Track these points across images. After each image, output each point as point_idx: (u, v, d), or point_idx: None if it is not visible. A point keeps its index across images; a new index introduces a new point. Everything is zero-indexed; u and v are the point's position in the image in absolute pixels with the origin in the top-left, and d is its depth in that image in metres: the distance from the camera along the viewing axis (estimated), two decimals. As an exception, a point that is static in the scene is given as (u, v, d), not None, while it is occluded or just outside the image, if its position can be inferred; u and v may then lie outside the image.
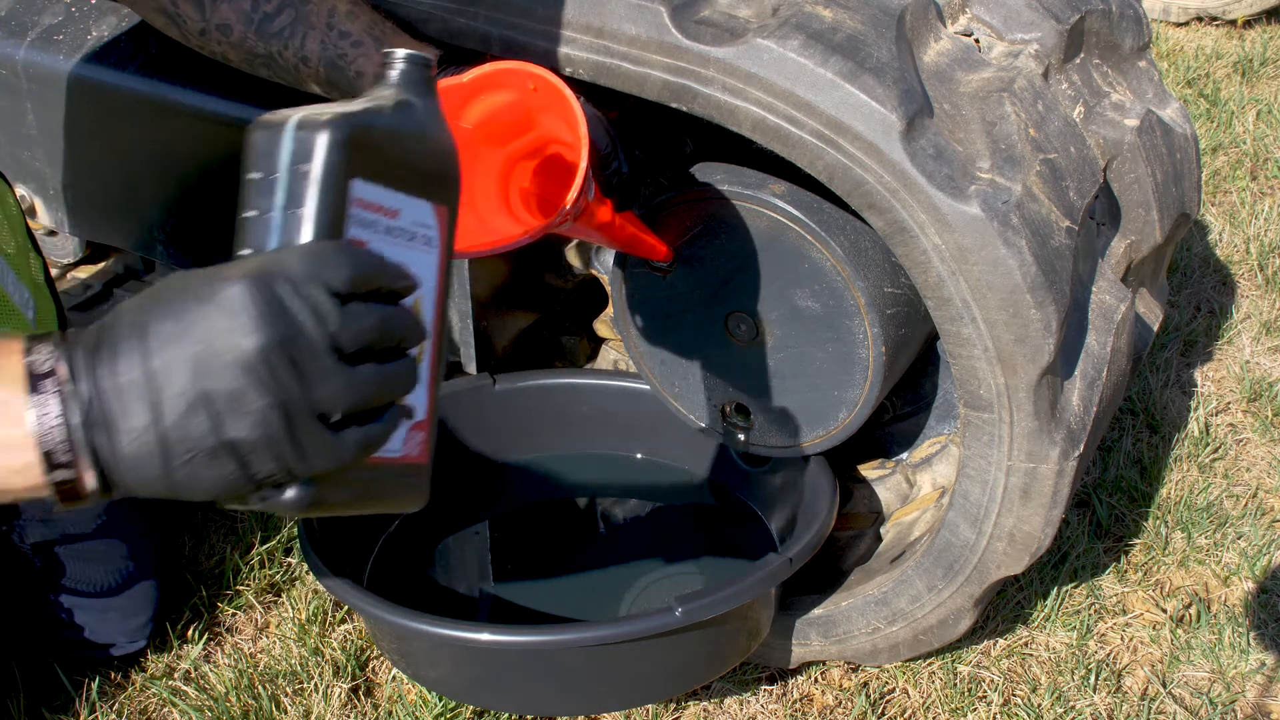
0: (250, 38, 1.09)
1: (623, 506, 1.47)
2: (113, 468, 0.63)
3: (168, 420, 0.62)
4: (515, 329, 1.54)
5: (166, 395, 0.62)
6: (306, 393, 0.63)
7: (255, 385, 0.62)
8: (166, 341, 0.62)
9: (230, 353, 0.61)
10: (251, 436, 0.62)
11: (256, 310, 0.62)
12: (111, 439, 0.62)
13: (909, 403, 1.42)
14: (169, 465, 0.62)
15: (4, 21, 1.53)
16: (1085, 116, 1.20)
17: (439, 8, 1.13)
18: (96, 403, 0.62)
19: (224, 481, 0.63)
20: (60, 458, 0.62)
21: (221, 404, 0.62)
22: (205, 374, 0.62)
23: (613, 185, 1.07)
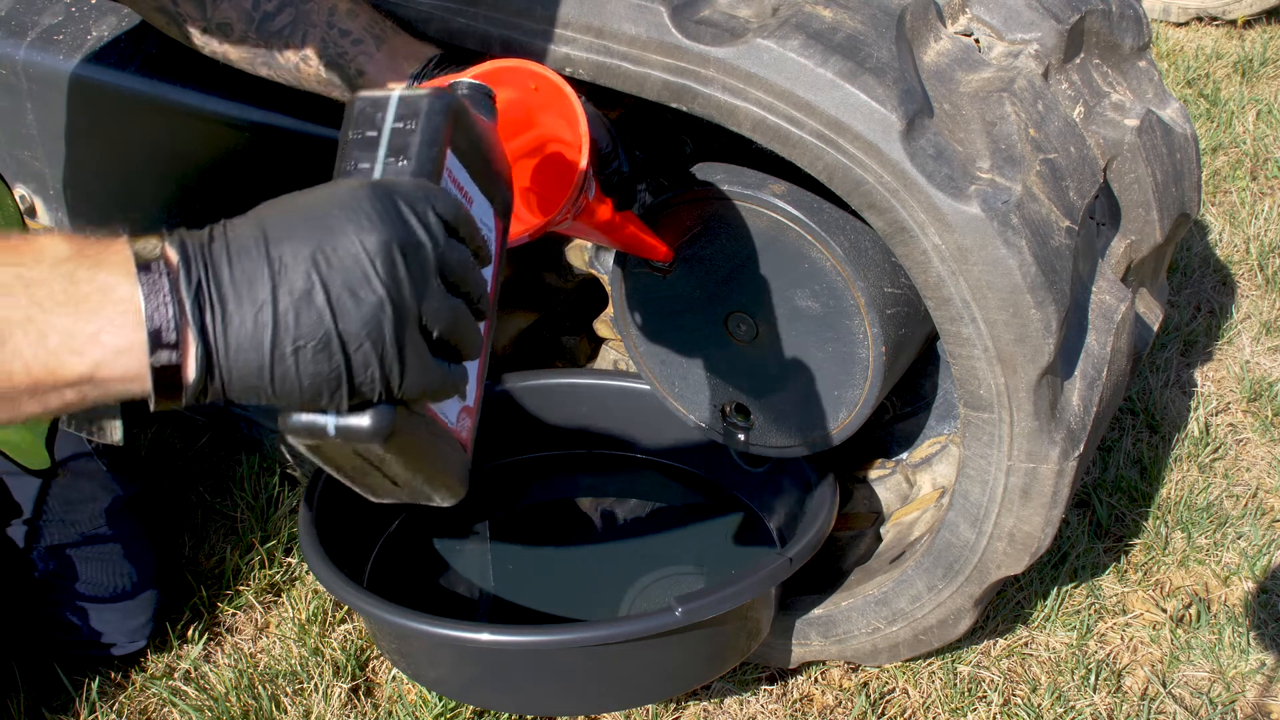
0: (251, 36, 1.09)
1: (623, 506, 1.47)
2: (218, 352, 0.61)
3: (282, 305, 0.61)
4: (515, 329, 1.54)
5: (284, 281, 0.61)
6: (417, 299, 0.63)
7: (375, 278, 0.62)
8: (287, 233, 0.63)
9: (352, 246, 0.62)
10: (362, 331, 0.62)
11: (379, 211, 0.63)
12: (223, 319, 0.61)
13: (909, 403, 1.42)
14: (276, 353, 0.61)
15: (4, 21, 1.53)
16: (1085, 116, 1.20)
17: (439, 7, 1.13)
18: (209, 284, 0.61)
19: (322, 379, 0.62)
20: (166, 337, 0.61)
21: (339, 292, 0.62)
22: (325, 264, 0.62)
23: (613, 184, 1.07)
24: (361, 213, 0.63)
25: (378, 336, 0.62)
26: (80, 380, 0.61)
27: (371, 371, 0.63)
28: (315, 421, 0.65)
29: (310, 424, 0.65)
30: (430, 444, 0.71)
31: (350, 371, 0.63)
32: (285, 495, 1.59)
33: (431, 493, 0.73)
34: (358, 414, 0.65)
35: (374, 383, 0.64)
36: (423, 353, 0.65)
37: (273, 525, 1.55)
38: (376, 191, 0.64)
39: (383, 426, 0.65)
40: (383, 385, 0.64)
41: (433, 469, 0.72)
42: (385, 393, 0.64)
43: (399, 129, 0.71)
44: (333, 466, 0.69)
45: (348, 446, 0.66)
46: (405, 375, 0.64)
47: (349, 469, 0.69)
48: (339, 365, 0.62)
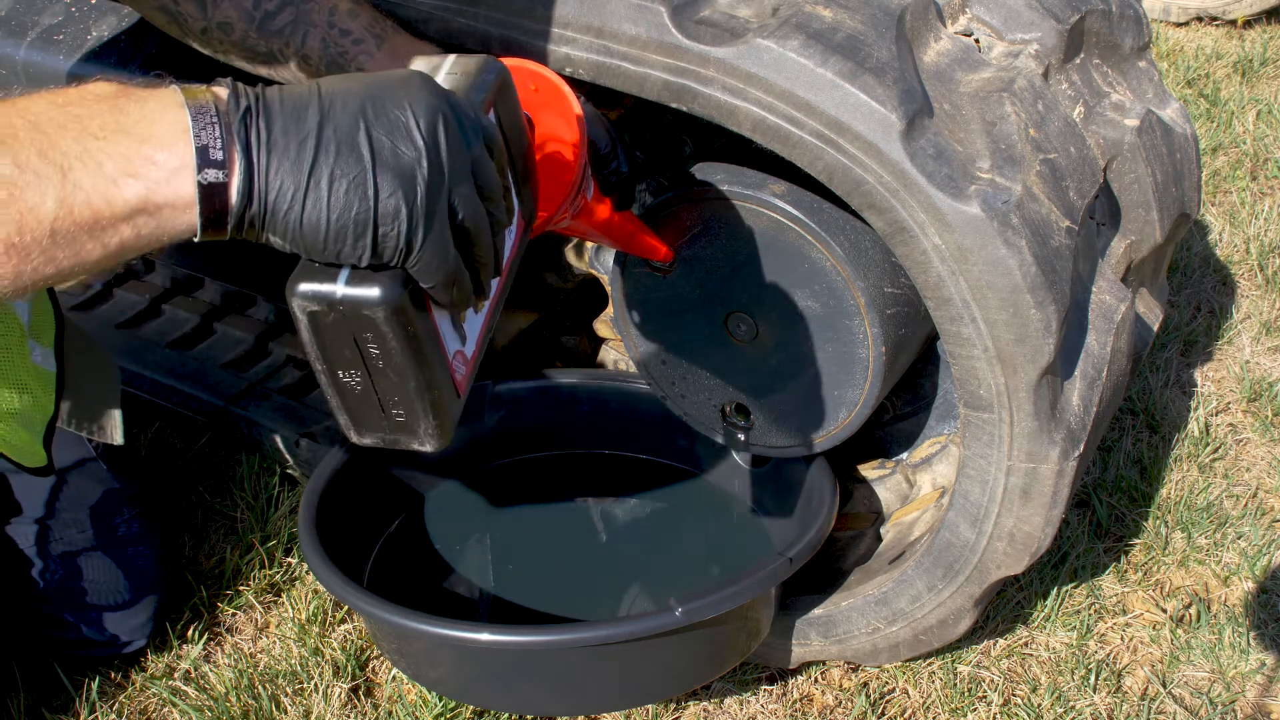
0: (251, 35, 1.09)
1: (623, 506, 1.47)
2: (259, 171, 0.63)
3: (326, 137, 0.63)
4: (515, 329, 1.54)
5: (331, 119, 0.64)
6: (450, 172, 0.65)
7: (416, 135, 0.64)
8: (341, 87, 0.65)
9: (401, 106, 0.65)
10: (396, 180, 0.64)
11: (430, 91, 0.66)
12: (268, 142, 0.63)
13: (909, 403, 1.42)
14: (313, 179, 0.63)
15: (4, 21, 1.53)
16: (1085, 116, 1.20)
17: (439, 8, 1.13)
18: (257, 113, 0.63)
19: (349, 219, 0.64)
20: (214, 154, 0.62)
21: (380, 140, 0.64)
22: (374, 113, 0.64)
23: (611, 184, 1.07)
24: (414, 87, 0.66)
25: (410, 189, 0.64)
26: (135, 210, 0.62)
27: (399, 224, 0.65)
28: (323, 287, 0.66)
29: (318, 290, 0.66)
30: (427, 351, 0.71)
31: (377, 217, 0.64)
32: (285, 495, 1.59)
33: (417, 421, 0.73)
34: (367, 283, 0.66)
35: (397, 236, 0.65)
36: (444, 228, 0.66)
37: (273, 525, 1.55)
38: (430, 80, 0.67)
39: (391, 296, 0.66)
40: (404, 243, 0.65)
41: (424, 382, 0.71)
42: (404, 253, 0.66)
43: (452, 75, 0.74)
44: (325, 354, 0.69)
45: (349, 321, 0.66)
46: (426, 240, 0.65)
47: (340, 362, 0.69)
48: (369, 207, 0.64)
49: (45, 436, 1.30)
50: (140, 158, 0.62)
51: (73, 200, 0.61)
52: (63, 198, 0.61)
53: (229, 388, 1.71)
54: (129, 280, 1.99)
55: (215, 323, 1.88)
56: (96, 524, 1.36)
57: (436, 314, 0.72)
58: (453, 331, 0.75)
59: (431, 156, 0.65)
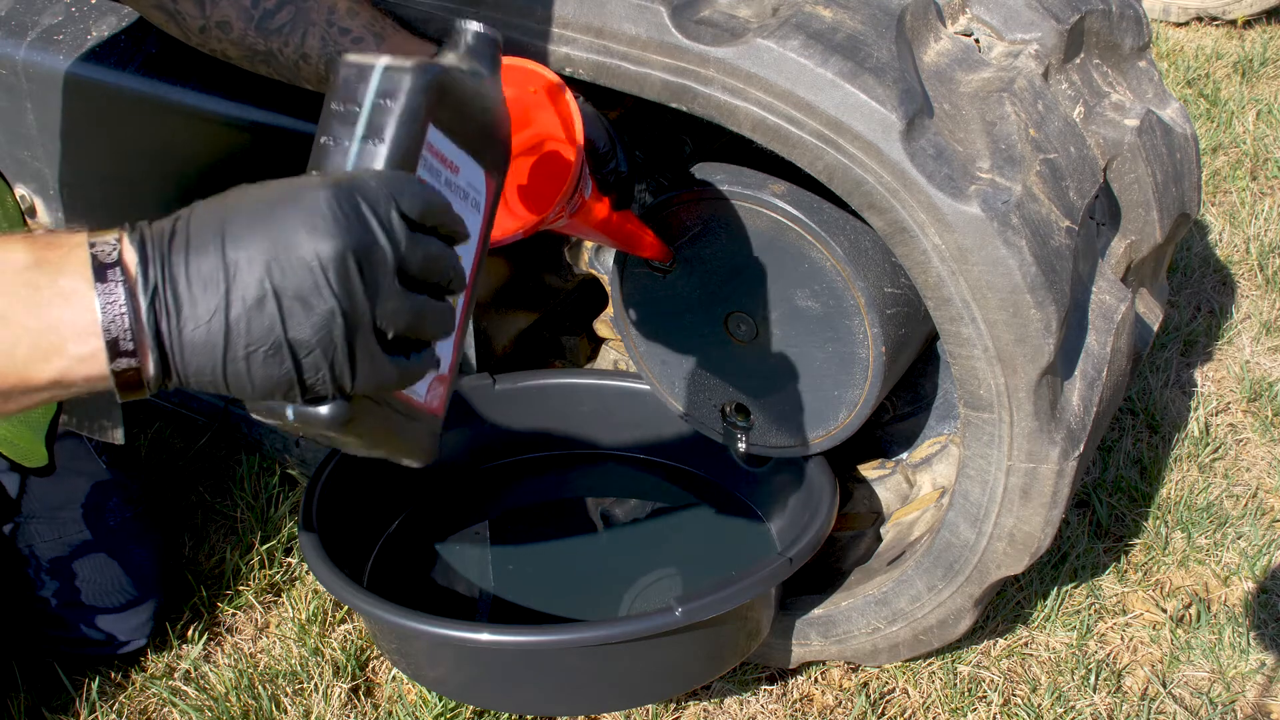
0: (250, 34, 1.09)
1: (623, 506, 1.47)
2: (174, 355, 0.64)
3: (235, 311, 0.63)
4: (515, 329, 1.54)
5: (238, 287, 0.63)
6: (371, 305, 0.65)
7: (326, 288, 0.63)
8: (244, 237, 0.64)
9: (307, 253, 0.63)
10: (313, 339, 0.63)
11: (337, 217, 0.64)
12: (178, 325, 0.63)
13: (909, 403, 1.42)
14: (229, 356, 0.63)
15: (4, 21, 1.53)
16: (1085, 116, 1.20)
17: (439, 7, 1.13)
18: (165, 289, 0.63)
19: (273, 382, 0.64)
20: (125, 345, 0.63)
21: (290, 302, 0.63)
22: (280, 271, 0.63)
23: (610, 184, 1.07)
24: (319, 217, 0.63)
25: (328, 344, 0.64)
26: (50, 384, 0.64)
27: (322, 374, 0.65)
28: (274, 408, 0.68)
29: (269, 409, 0.68)
30: (391, 424, 0.72)
31: (301, 375, 0.65)
32: (285, 495, 1.59)
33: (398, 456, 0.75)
34: (314, 405, 0.67)
35: (325, 384, 0.65)
36: (375, 354, 0.66)
37: (273, 525, 1.55)
38: (339, 193, 0.64)
39: (338, 417, 0.68)
40: (334, 386, 0.66)
41: (395, 444, 0.73)
42: (338, 391, 0.66)
43: (380, 105, 0.71)
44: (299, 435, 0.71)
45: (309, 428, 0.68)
46: (356, 376, 0.66)
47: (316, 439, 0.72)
48: (289, 370, 0.64)
49: (47, 436, 1.30)
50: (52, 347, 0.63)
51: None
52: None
53: (229, 388, 1.71)
54: (129, 280, 1.99)
55: (215, 323, 1.87)
56: (95, 523, 1.36)
57: None
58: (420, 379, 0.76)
59: (344, 305, 0.64)
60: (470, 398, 1.45)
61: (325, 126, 0.72)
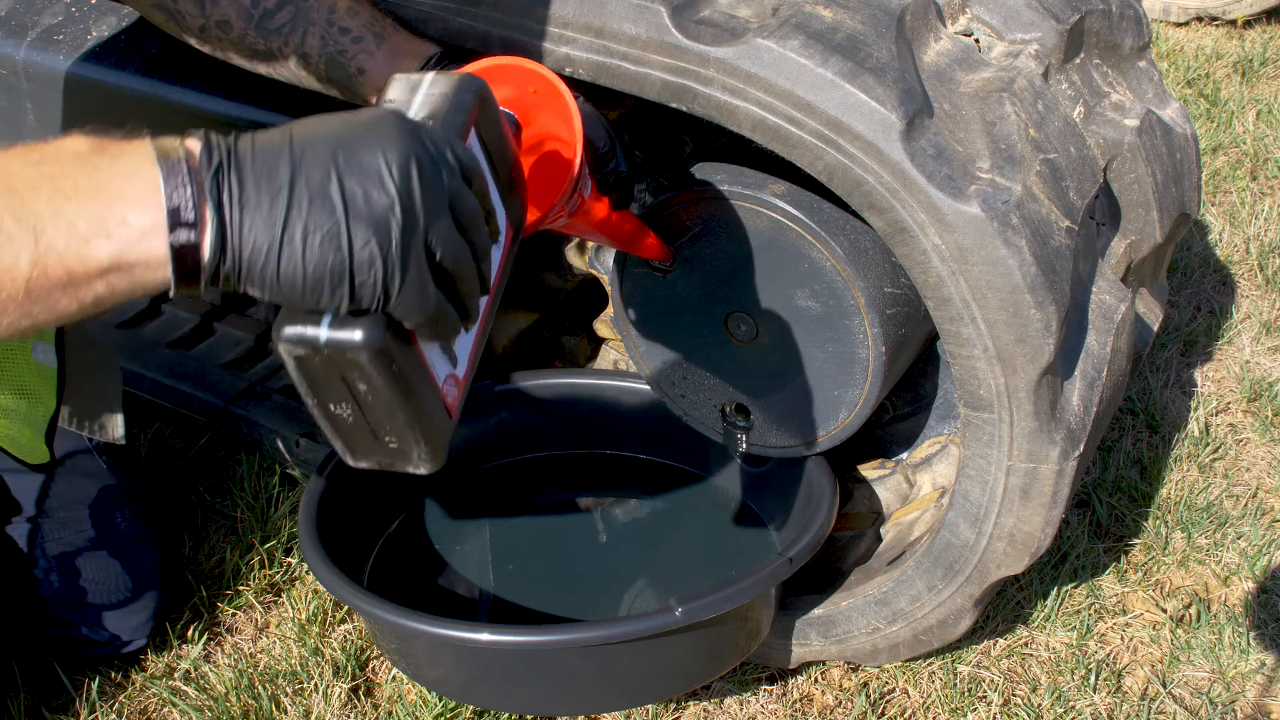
0: (250, 34, 1.09)
1: (623, 506, 1.47)
2: (232, 230, 0.63)
3: (298, 191, 0.63)
4: (515, 329, 1.54)
5: (303, 171, 0.64)
6: (426, 216, 0.65)
7: (390, 181, 0.64)
8: (310, 137, 0.65)
9: (372, 152, 0.64)
10: (369, 229, 0.64)
11: (402, 131, 0.66)
12: (240, 198, 0.63)
13: (909, 403, 1.42)
14: (286, 234, 0.63)
15: (4, 21, 1.53)
16: (1085, 116, 1.20)
17: (439, 7, 1.13)
18: (229, 168, 0.64)
19: (324, 270, 0.64)
20: (185, 215, 0.63)
21: (352, 190, 0.64)
22: (346, 161, 0.64)
23: (610, 183, 1.07)
24: (385, 129, 0.66)
25: (384, 238, 0.64)
26: (108, 269, 0.63)
27: (374, 272, 0.65)
28: (307, 332, 0.66)
29: (303, 334, 0.67)
30: (415, 384, 0.71)
31: (353, 267, 0.64)
32: (285, 495, 1.59)
33: (410, 447, 0.73)
34: (350, 327, 0.66)
35: (374, 284, 0.65)
36: (423, 270, 0.66)
37: (273, 525, 1.55)
38: (402, 118, 0.67)
39: (373, 339, 0.66)
40: (381, 290, 0.65)
41: (414, 414, 0.72)
42: (383, 299, 0.66)
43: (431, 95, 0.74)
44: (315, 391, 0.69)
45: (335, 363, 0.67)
46: (404, 285, 0.66)
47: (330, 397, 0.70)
48: (344, 259, 0.64)
49: (47, 433, 1.30)
50: (113, 219, 0.62)
51: (46, 260, 0.62)
52: (36, 259, 0.62)
53: (229, 388, 1.71)
54: (129, 280, 1.99)
55: (215, 323, 1.88)
56: (96, 523, 1.36)
57: (423, 345, 0.73)
58: (442, 357, 0.76)
59: (405, 202, 0.64)
60: (470, 398, 1.45)
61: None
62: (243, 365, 1.77)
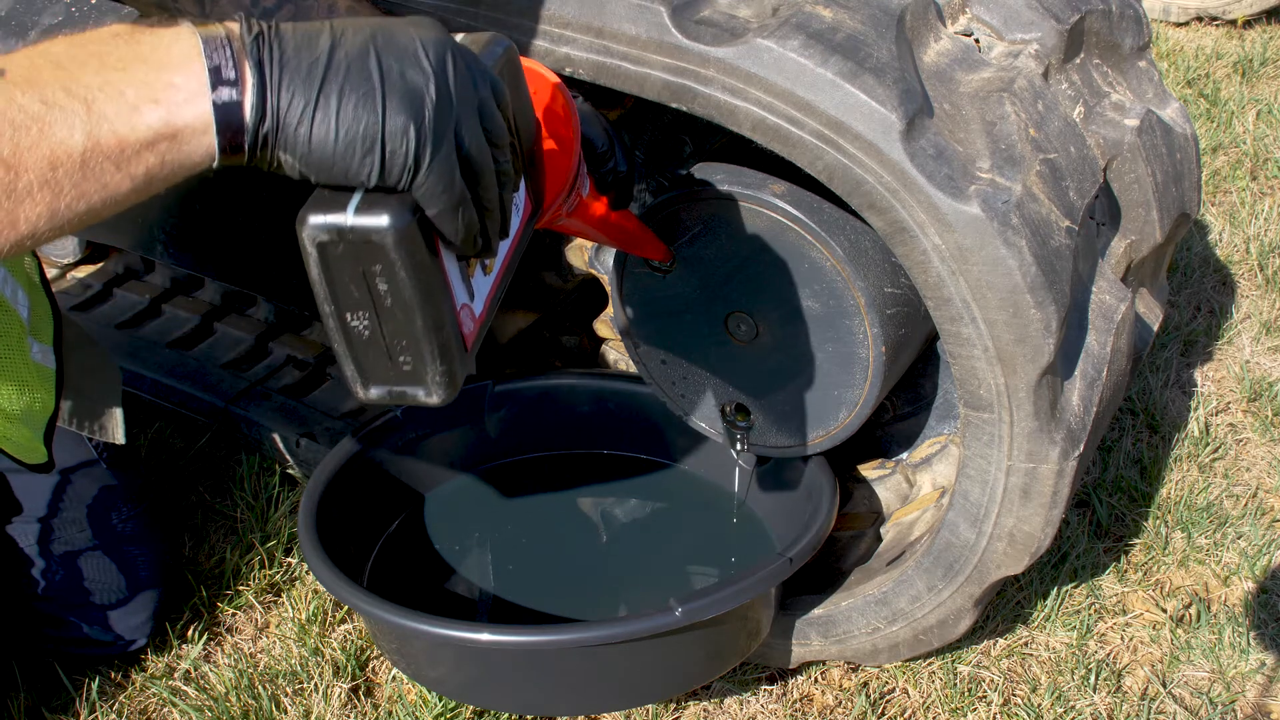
0: None
1: (623, 506, 1.47)
2: (271, 82, 0.65)
3: (338, 57, 0.65)
4: (515, 329, 1.54)
5: (343, 43, 0.66)
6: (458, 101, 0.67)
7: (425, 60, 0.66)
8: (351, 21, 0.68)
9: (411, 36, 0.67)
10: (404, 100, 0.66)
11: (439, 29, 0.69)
12: (280, 58, 0.65)
13: (909, 403, 1.42)
14: (323, 93, 0.65)
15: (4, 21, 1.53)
16: (1085, 116, 1.20)
17: (439, 7, 1.13)
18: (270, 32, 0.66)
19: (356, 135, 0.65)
20: (226, 73, 0.65)
21: (389, 64, 0.66)
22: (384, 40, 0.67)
23: (608, 183, 1.07)
24: (424, 24, 0.68)
25: (417, 109, 0.66)
26: (158, 135, 0.65)
27: (406, 141, 0.66)
28: (332, 217, 0.67)
29: (327, 219, 0.67)
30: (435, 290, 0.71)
31: (385, 134, 0.66)
32: (285, 495, 1.59)
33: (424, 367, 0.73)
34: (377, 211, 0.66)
35: (405, 154, 0.66)
36: (450, 153, 0.68)
37: (273, 525, 1.55)
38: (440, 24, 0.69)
39: (399, 222, 0.67)
40: (412, 161, 0.66)
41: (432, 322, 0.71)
42: (412, 172, 0.67)
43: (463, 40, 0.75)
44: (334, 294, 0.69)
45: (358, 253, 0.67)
46: (433, 161, 0.67)
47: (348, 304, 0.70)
48: (377, 122, 0.65)
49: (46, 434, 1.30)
50: (160, 83, 0.64)
51: (99, 131, 0.63)
52: (89, 129, 0.63)
53: (229, 388, 1.71)
54: (129, 280, 1.99)
55: (215, 323, 1.88)
56: (96, 523, 1.36)
57: (445, 259, 0.73)
58: (461, 283, 0.75)
59: (440, 83, 0.66)
60: (470, 398, 1.45)
61: None
62: (243, 365, 1.77)
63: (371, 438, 1.37)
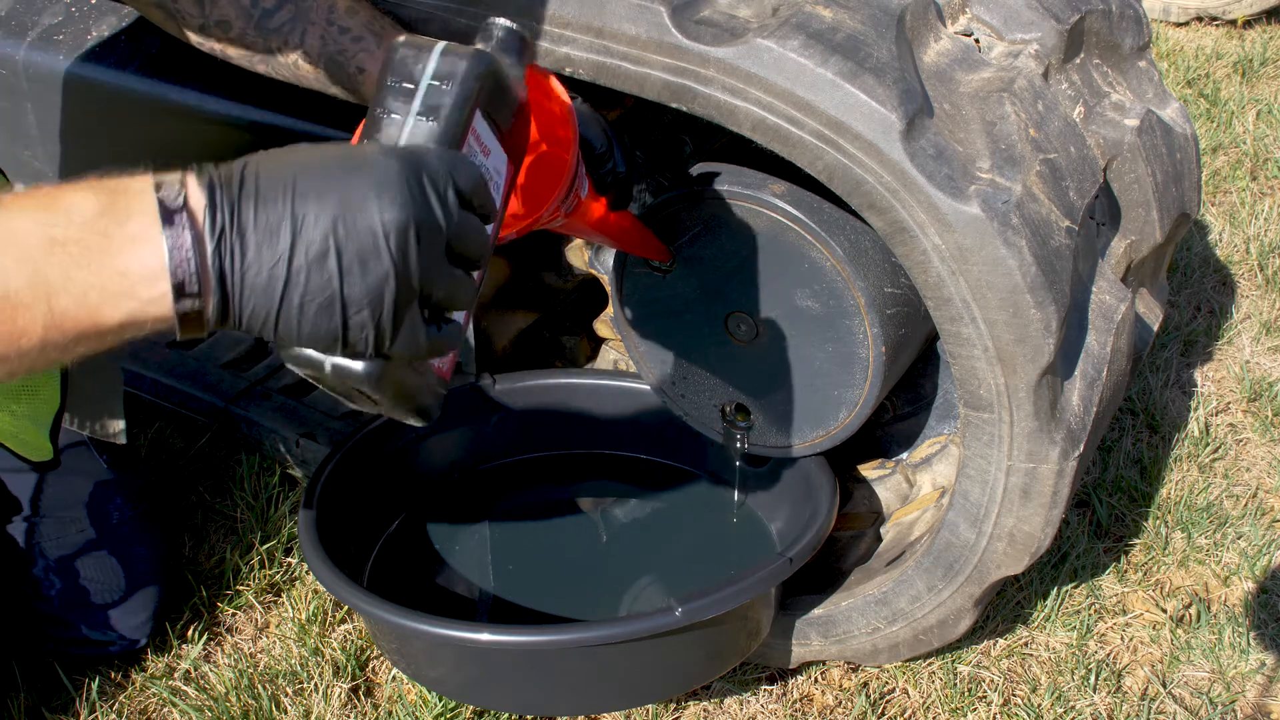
0: (250, 33, 1.09)
1: (623, 506, 1.47)
2: (234, 297, 0.67)
3: (297, 261, 0.66)
4: (515, 329, 1.54)
5: (303, 239, 0.66)
6: (421, 276, 0.68)
7: (386, 253, 0.66)
8: (314, 193, 0.67)
9: (374, 219, 0.66)
10: (365, 298, 0.67)
11: (406, 188, 0.67)
12: (241, 268, 0.66)
13: (909, 403, 1.42)
14: (285, 303, 0.66)
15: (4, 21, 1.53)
16: (1085, 116, 1.20)
17: (440, 7, 1.13)
18: (231, 234, 0.66)
19: (320, 333, 0.68)
20: (190, 288, 0.66)
21: (351, 260, 0.66)
22: (345, 230, 0.66)
23: (607, 183, 1.07)
24: (389, 186, 0.67)
25: (378, 305, 0.67)
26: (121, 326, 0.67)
27: (366, 334, 0.68)
28: (314, 357, 0.71)
29: (310, 358, 0.71)
30: (414, 383, 0.76)
31: (346, 331, 0.68)
32: (285, 495, 1.59)
33: (406, 416, 0.78)
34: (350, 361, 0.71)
35: (367, 343, 0.69)
36: (416, 324, 0.70)
37: (273, 525, 1.55)
38: (407, 166, 0.68)
39: (372, 374, 0.71)
40: (375, 346, 0.69)
41: (413, 402, 0.77)
42: (375, 351, 0.70)
43: (434, 87, 0.75)
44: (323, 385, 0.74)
45: (340, 379, 0.72)
46: (396, 342, 0.69)
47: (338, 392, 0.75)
48: (337, 325, 0.67)
49: (52, 430, 1.31)
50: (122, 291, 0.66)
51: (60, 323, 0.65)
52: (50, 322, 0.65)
53: (229, 388, 1.71)
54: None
55: (215, 323, 1.87)
56: (96, 522, 1.36)
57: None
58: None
59: (401, 271, 0.67)
60: (470, 398, 1.45)
61: (380, 100, 0.76)
62: (243, 365, 1.77)
63: (372, 437, 1.37)
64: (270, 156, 0.69)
